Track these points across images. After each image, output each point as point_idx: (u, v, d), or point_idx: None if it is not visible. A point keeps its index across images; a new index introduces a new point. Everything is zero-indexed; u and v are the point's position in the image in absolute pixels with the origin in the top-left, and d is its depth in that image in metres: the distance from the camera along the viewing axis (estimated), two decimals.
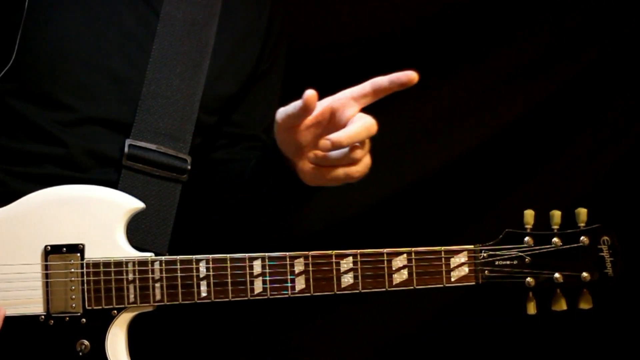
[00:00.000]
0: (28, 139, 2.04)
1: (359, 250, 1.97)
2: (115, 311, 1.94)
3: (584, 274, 1.97)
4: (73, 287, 1.93)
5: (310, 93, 1.77)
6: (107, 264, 1.94)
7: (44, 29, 2.04)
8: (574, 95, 2.75)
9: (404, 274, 1.96)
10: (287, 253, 1.96)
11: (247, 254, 1.95)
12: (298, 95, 2.63)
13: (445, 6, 2.74)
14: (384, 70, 2.70)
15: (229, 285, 1.94)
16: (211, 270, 1.94)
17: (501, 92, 2.78)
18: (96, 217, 1.95)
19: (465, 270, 1.97)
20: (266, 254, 1.95)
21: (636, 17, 2.71)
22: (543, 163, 2.77)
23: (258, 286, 1.95)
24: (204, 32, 2.16)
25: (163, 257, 1.95)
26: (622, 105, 2.76)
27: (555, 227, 1.98)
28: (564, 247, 1.97)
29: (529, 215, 1.99)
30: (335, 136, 1.81)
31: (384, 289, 1.96)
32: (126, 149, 2.05)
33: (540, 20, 2.74)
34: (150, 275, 1.94)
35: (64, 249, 1.94)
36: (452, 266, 1.97)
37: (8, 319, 1.91)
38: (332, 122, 1.87)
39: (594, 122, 2.77)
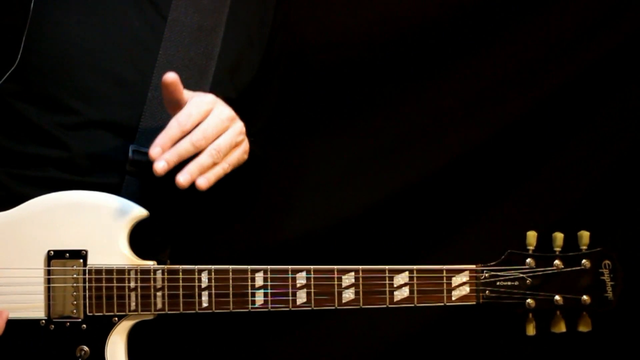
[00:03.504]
0: (31, 141, 2.04)
1: (360, 267, 1.97)
2: (116, 318, 1.94)
3: (584, 297, 1.98)
4: (75, 293, 1.94)
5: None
6: (109, 271, 1.94)
7: (50, 31, 2.02)
8: (574, 96, 2.74)
9: (405, 291, 1.97)
10: (290, 267, 1.96)
11: (249, 266, 1.95)
12: (298, 95, 2.66)
13: (444, 6, 2.72)
14: (383, 70, 2.73)
15: (231, 296, 1.95)
16: (213, 281, 1.95)
17: (500, 93, 2.77)
18: (100, 224, 1.95)
19: (466, 289, 1.98)
20: (268, 266, 1.95)
21: (636, 17, 2.70)
22: (542, 164, 2.77)
23: (259, 299, 1.95)
24: (211, 38, 2.14)
25: (165, 266, 1.96)
26: (623, 107, 2.75)
27: (557, 249, 2.00)
28: (566, 269, 1.99)
29: (532, 236, 2.00)
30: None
31: (384, 306, 1.97)
32: (130, 155, 2.04)
33: (540, 20, 2.72)
34: (152, 284, 1.94)
35: (67, 254, 1.94)
36: (453, 285, 1.98)
37: (9, 322, 1.91)
38: None
39: (593, 123, 2.76)
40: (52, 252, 1.94)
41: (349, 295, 1.97)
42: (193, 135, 1.89)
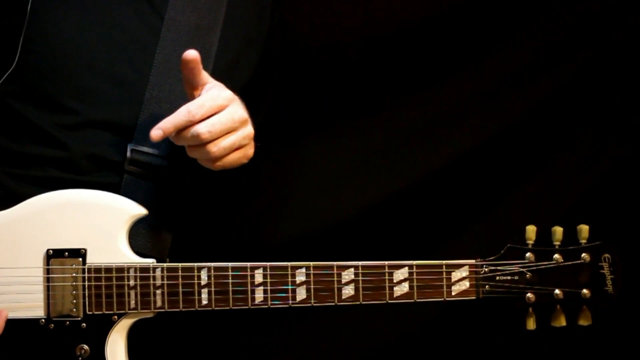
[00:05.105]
0: (30, 141, 2.04)
1: (360, 262, 1.97)
2: (116, 317, 1.94)
3: (584, 291, 1.98)
4: (74, 292, 1.94)
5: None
6: (108, 270, 1.94)
7: (47, 31, 2.03)
8: (574, 95, 2.74)
9: (405, 286, 1.97)
10: (289, 263, 1.96)
11: (248, 263, 1.95)
12: (298, 95, 2.67)
13: (444, 6, 2.73)
14: (384, 70, 2.73)
15: (230, 293, 1.95)
16: (212, 278, 1.94)
17: (500, 93, 2.77)
18: (99, 222, 1.95)
19: (466, 284, 1.98)
20: (267, 263, 1.95)
21: (636, 17, 2.70)
22: (541, 161, 2.77)
23: (259, 295, 1.95)
24: (208, 37, 2.15)
25: (165, 264, 1.96)
26: (623, 107, 2.75)
27: (557, 243, 2.00)
28: (565, 263, 1.98)
29: (531, 230, 2.00)
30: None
31: (384, 302, 1.97)
32: (128, 154, 2.04)
33: (540, 20, 2.73)
34: (151, 282, 1.94)
35: (66, 253, 1.94)
36: (453, 280, 1.97)
37: (9, 322, 1.91)
38: None
39: (593, 122, 2.76)
40: (51, 251, 1.94)
41: (348, 291, 1.96)
42: (199, 126, 1.89)
